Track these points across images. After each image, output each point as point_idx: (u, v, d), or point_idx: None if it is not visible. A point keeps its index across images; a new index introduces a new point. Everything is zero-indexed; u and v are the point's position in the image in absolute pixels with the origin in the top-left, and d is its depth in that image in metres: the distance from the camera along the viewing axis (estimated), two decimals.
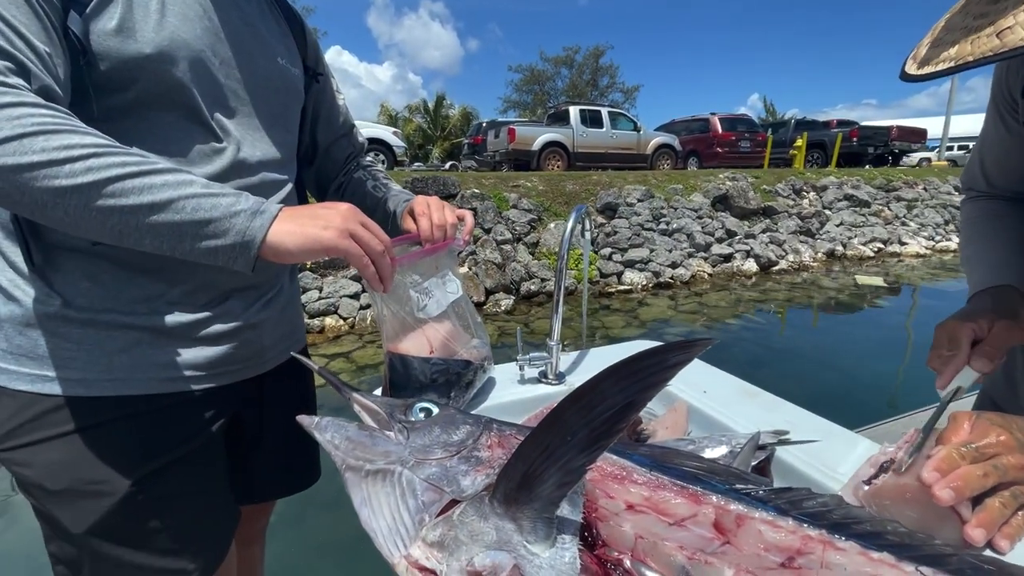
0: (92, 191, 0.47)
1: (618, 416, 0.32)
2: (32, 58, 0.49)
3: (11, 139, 0.45)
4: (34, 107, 0.47)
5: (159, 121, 0.61)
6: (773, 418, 0.78)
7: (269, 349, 0.78)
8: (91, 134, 0.49)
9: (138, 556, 0.64)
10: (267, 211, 0.55)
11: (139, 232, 0.50)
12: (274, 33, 0.76)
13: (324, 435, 0.51)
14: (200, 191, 0.52)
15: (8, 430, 0.61)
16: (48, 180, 0.46)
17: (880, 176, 10.33)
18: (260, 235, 0.54)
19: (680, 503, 0.46)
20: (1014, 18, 0.41)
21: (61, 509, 0.62)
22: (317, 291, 4.99)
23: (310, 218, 0.57)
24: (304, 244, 0.55)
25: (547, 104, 25.13)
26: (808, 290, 6.52)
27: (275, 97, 0.74)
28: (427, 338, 0.75)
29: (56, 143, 0.46)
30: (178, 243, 0.52)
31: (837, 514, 0.46)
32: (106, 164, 0.48)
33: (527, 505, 0.37)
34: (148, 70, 0.58)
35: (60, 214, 0.48)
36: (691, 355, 0.31)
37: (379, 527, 0.43)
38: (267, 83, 0.72)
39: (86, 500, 0.62)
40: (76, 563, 0.65)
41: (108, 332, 0.61)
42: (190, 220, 0.51)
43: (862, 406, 3.06)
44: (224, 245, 0.53)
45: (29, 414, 0.60)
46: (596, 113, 11.38)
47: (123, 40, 0.56)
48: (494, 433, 0.49)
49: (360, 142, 1.00)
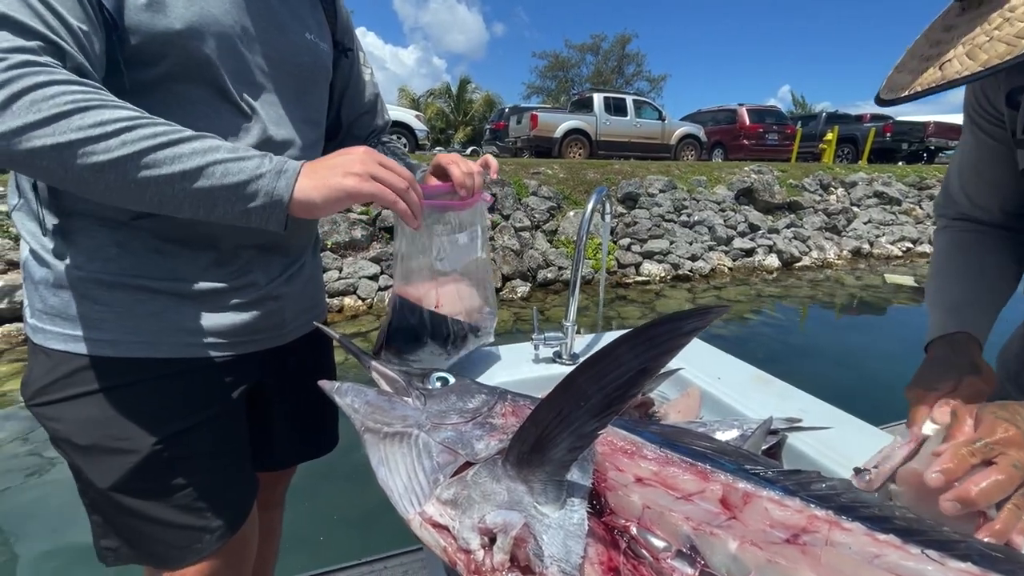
0: (128, 164, 0.49)
1: (631, 381, 0.33)
2: (66, 36, 0.50)
3: (48, 120, 0.46)
4: (66, 84, 0.48)
5: (188, 97, 0.62)
6: (787, 406, 0.78)
7: (290, 321, 0.80)
8: (122, 107, 0.50)
9: (160, 511, 0.67)
10: (289, 169, 0.56)
11: (176, 200, 0.52)
12: (303, 7, 0.76)
13: (344, 399, 0.53)
14: (226, 156, 0.53)
15: (42, 386, 0.64)
16: (86, 157, 0.48)
17: (913, 173, 9.99)
18: (287, 194, 0.55)
19: (688, 479, 0.47)
20: (954, 51, 0.46)
21: (88, 463, 0.65)
22: (337, 271, 5.06)
23: (329, 169, 0.57)
24: (329, 195, 0.56)
25: (571, 91, 24.78)
26: (831, 288, 6.39)
27: (303, 73, 0.74)
28: (437, 291, 0.75)
29: (91, 120, 0.48)
30: (213, 208, 0.54)
31: (845, 497, 0.46)
32: (138, 137, 0.49)
33: (539, 468, 0.38)
34: (178, 46, 0.59)
35: (102, 188, 0.50)
36: (706, 322, 0.31)
37: (395, 485, 0.45)
38: (295, 59, 0.72)
39: (111, 456, 0.65)
40: (106, 513, 0.69)
41: (136, 296, 0.64)
42: (220, 185, 0.52)
43: (881, 405, 2.99)
44: (255, 207, 0.54)
45: (61, 371, 0.63)
46: (620, 101, 11.20)
47: (153, 15, 0.57)
48: (508, 403, 0.51)
49: (385, 120, 1.00)
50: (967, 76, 0.45)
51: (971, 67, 0.44)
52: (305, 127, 0.76)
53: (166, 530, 0.68)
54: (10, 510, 2.21)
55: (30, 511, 2.18)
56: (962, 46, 0.46)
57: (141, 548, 0.69)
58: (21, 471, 2.44)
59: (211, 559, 0.71)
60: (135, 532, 0.69)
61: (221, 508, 0.72)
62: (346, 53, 0.87)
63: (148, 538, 0.69)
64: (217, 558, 0.72)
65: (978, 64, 0.44)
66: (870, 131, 12.77)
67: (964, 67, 0.45)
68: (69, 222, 0.62)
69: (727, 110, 12.91)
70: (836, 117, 14.43)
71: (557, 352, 0.96)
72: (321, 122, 0.83)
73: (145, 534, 0.68)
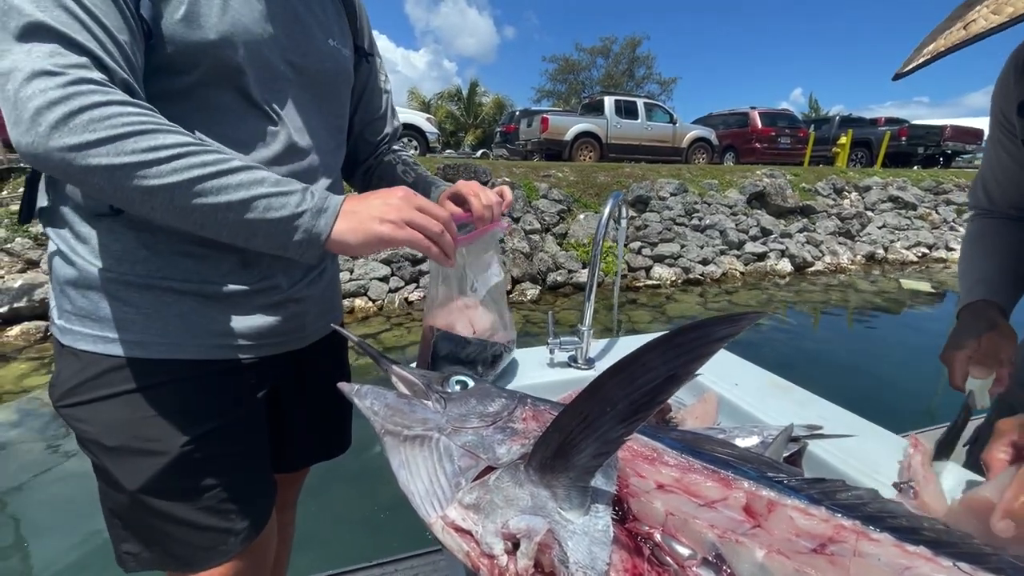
0: (176, 191, 0.51)
1: (660, 388, 0.32)
2: (113, 51, 0.52)
3: (105, 140, 0.48)
4: (123, 105, 0.49)
5: (218, 104, 0.63)
6: (806, 413, 0.77)
7: (311, 324, 0.81)
8: (174, 132, 0.52)
9: (188, 512, 0.67)
10: (329, 208, 0.58)
11: (217, 227, 0.54)
12: (327, 13, 0.76)
13: (364, 401, 0.53)
14: (270, 190, 0.55)
15: (70, 387, 0.65)
16: (139, 180, 0.49)
17: (929, 178, 9.84)
18: (325, 233, 0.57)
19: (711, 486, 0.46)
20: (978, 12, 0.47)
21: (116, 465, 0.66)
22: (348, 272, 5.10)
23: (367, 212, 0.59)
24: (365, 240, 0.58)
25: (581, 94, 24.79)
26: (845, 292, 6.30)
27: (326, 79, 0.75)
28: (470, 318, 0.78)
29: (145, 144, 0.49)
30: (251, 237, 0.55)
31: (872, 507, 0.45)
32: (189, 165, 0.51)
33: (562, 473, 0.38)
34: (210, 55, 0.60)
35: (148, 208, 0.52)
36: (738, 329, 0.31)
37: (416, 489, 0.45)
38: (319, 65, 0.73)
39: (140, 457, 0.65)
40: (129, 517, 0.69)
41: (163, 298, 0.65)
42: (261, 219, 0.54)
43: (897, 413, 2.96)
44: (293, 242, 0.56)
45: (90, 373, 0.64)
46: (632, 104, 11.17)
47: (188, 26, 0.58)
48: (528, 407, 0.51)
49: (396, 127, 1.01)
50: (993, 28, 0.45)
51: (996, 20, 0.45)
52: (327, 133, 0.77)
53: (192, 532, 0.68)
54: (28, 506, 2.25)
55: (48, 507, 2.21)
56: (986, 7, 0.47)
57: (165, 551, 0.69)
58: (41, 467, 2.48)
59: (234, 561, 0.71)
60: (160, 535, 0.68)
61: (247, 510, 0.72)
62: (367, 58, 0.88)
63: (173, 541, 0.68)
64: (240, 560, 0.72)
65: (1004, 16, 0.45)
66: (885, 135, 12.60)
67: (989, 22, 0.46)
68: (98, 224, 0.63)
69: (739, 113, 12.82)
70: (850, 120, 14.26)
71: (572, 356, 0.95)
72: (343, 127, 0.84)
73: (170, 536, 0.68)
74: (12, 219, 4.63)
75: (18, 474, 2.45)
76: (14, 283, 4.14)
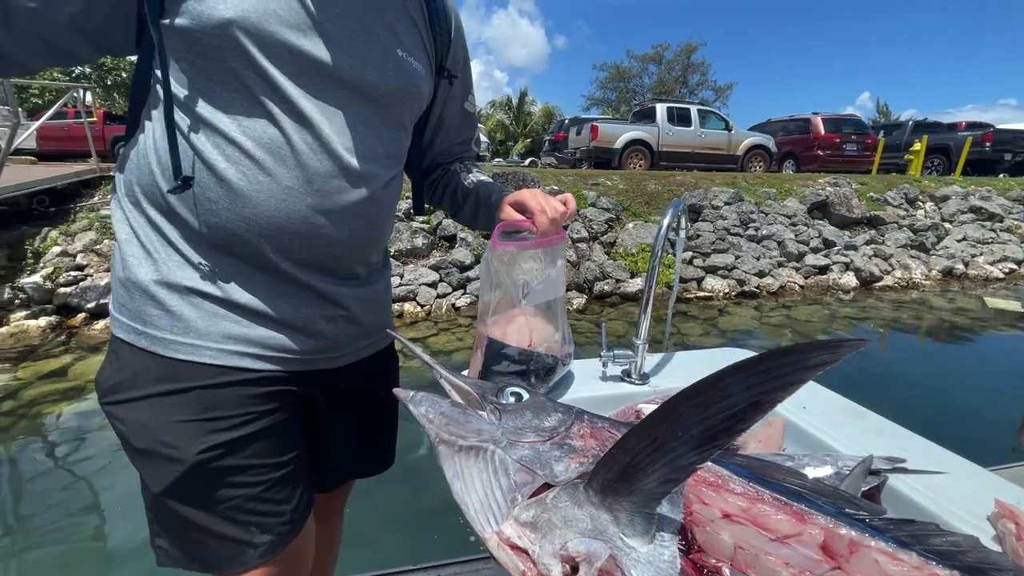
0: None
1: (741, 416, 0.30)
2: None
3: None
4: None
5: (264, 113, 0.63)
6: (884, 443, 0.71)
7: (344, 346, 0.78)
8: None
9: (206, 519, 0.67)
10: None
11: None
12: (401, 23, 0.74)
13: (419, 408, 0.53)
14: None
15: (109, 386, 0.67)
16: None
17: (1017, 187, 9.00)
18: None
19: (782, 519, 0.43)
20: None
21: (142, 467, 0.67)
22: (398, 277, 5.23)
23: None
24: None
25: (632, 101, 24.44)
26: (918, 310, 5.85)
27: (386, 89, 0.72)
28: (528, 328, 0.76)
29: None
30: None
31: (972, 557, 0.41)
32: None
33: (625, 497, 0.36)
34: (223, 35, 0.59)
35: None
36: (837, 357, 0.28)
37: (471, 501, 0.44)
38: (380, 74, 0.70)
39: (161, 462, 0.66)
40: (159, 514, 0.70)
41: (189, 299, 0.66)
42: None
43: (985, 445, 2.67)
44: None
45: (125, 374, 0.66)
46: (684, 111, 10.90)
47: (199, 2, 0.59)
48: (586, 423, 0.49)
49: (475, 151, 0.98)
50: None
51: None
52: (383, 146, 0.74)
53: (210, 539, 0.68)
54: (111, 487, 2.43)
55: (127, 487, 2.38)
56: None
57: (189, 552, 0.70)
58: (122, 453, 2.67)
59: (260, 570, 0.70)
60: (183, 536, 0.69)
61: (268, 524, 0.70)
62: (451, 80, 0.85)
63: (195, 544, 0.69)
64: (267, 569, 0.71)
65: None
66: (966, 140, 11.63)
67: None
68: (144, 226, 0.66)
69: (800, 119, 12.23)
70: (925, 125, 13.28)
71: (626, 370, 0.92)
72: (403, 141, 0.80)
73: (192, 540, 0.69)
74: (103, 222, 5.16)
75: (99, 458, 2.66)
76: (101, 281, 4.61)
